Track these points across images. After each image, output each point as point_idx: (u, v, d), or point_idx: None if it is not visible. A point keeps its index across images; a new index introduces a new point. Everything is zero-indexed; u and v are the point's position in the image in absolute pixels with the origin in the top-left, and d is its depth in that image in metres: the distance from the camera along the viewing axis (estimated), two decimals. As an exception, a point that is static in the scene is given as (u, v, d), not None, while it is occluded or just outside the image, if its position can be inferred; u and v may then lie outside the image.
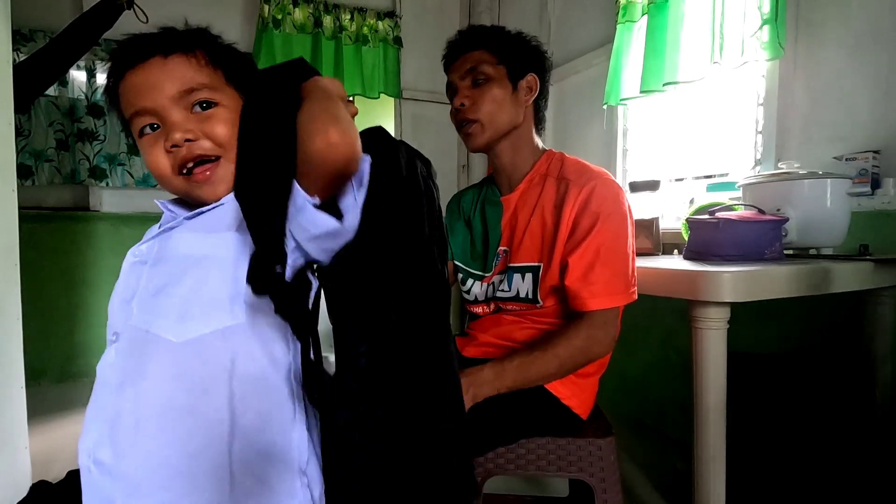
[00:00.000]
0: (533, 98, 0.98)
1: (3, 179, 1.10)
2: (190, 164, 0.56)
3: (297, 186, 0.47)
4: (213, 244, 0.53)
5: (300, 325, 0.52)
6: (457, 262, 1.08)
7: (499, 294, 0.98)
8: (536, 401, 0.90)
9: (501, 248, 1.00)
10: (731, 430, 0.94)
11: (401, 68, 3.04)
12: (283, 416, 0.52)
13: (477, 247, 1.06)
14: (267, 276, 0.48)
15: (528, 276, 0.94)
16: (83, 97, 2.44)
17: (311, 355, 0.52)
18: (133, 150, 2.53)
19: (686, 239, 1.21)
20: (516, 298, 0.96)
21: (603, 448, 0.91)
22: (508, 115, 0.95)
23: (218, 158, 0.57)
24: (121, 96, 0.58)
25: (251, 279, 0.48)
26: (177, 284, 0.52)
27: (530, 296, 0.94)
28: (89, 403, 0.53)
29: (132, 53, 0.56)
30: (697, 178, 1.93)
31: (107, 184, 2.50)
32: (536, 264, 0.94)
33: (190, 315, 0.50)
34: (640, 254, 1.32)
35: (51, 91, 2.38)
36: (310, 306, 0.53)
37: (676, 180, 2.02)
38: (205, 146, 0.57)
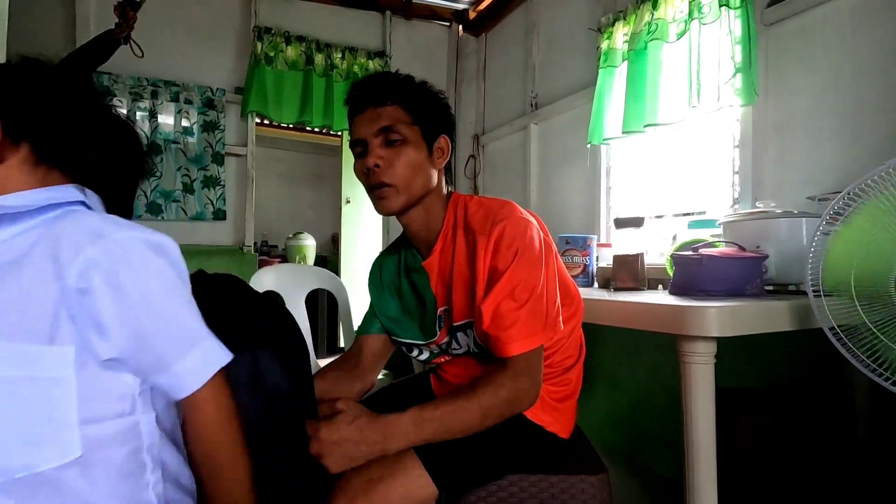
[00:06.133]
0: (445, 162, 0.95)
1: None
2: None
3: None
4: None
5: None
6: (397, 339, 1.03)
7: (452, 351, 0.97)
8: (521, 433, 0.90)
9: (441, 308, 0.96)
10: (719, 466, 0.94)
11: (390, 105, 3.11)
12: None
13: (414, 316, 1.01)
14: None
15: (470, 331, 0.92)
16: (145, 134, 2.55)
17: None
18: (188, 189, 2.63)
19: (671, 274, 1.24)
20: (467, 353, 0.95)
21: (595, 485, 0.90)
22: (424, 180, 0.90)
23: None
24: None
25: None
26: None
27: (475, 349, 0.93)
28: None
29: None
30: (677, 215, 2.00)
31: (162, 218, 2.58)
32: (471, 320, 0.91)
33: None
34: (623, 289, 1.34)
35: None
36: None
37: (656, 217, 2.08)
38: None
